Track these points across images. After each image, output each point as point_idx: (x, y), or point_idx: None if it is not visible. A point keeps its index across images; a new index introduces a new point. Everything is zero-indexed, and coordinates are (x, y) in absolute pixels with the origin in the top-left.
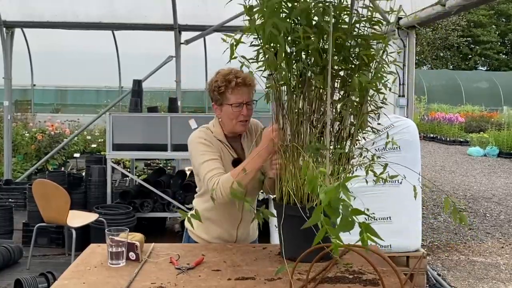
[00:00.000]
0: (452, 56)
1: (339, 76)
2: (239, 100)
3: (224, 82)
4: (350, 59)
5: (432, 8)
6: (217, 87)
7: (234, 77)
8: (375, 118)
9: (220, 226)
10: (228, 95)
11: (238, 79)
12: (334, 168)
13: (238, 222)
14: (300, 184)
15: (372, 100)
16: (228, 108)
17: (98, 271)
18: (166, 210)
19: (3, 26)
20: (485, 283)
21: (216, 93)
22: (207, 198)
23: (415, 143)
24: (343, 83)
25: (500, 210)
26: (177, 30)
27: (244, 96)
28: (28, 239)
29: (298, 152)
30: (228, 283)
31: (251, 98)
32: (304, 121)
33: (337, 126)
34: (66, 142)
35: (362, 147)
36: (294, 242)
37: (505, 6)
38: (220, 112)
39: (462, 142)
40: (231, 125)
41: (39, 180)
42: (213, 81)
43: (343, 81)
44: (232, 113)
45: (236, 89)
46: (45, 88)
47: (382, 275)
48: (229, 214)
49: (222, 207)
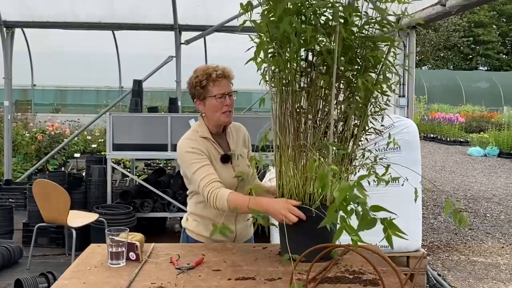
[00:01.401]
0: (453, 56)
1: (344, 77)
2: (221, 91)
3: (205, 75)
4: (357, 60)
5: (432, 8)
6: (198, 82)
7: (213, 70)
8: (379, 119)
9: (218, 222)
10: (210, 88)
11: (218, 72)
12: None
13: (234, 216)
14: (301, 184)
15: (377, 102)
16: (211, 100)
17: (98, 271)
18: (166, 210)
19: (3, 26)
20: (485, 283)
21: (199, 87)
22: (198, 198)
23: (415, 143)
24: (348, 84)
25: (501, 210)
26: (177, 30)
27: (225, 87)
28: (28, 239)
29: (299, 151)
30: (228, 283)
31: (231, 89)
32: (308, 121)
33: (340, 127)
34: (66, 142)
35: (365, 148)
36: (299, 241)
37: (507, 7)
38: (203, 107)
39: (462, 142)
40: (215, 118)
41: (39, 180)
42: (193, 77)
43: (348, 82)
44: (216, 104)
45: (217, 80)
46: (45, 88)
47: (382, 275)
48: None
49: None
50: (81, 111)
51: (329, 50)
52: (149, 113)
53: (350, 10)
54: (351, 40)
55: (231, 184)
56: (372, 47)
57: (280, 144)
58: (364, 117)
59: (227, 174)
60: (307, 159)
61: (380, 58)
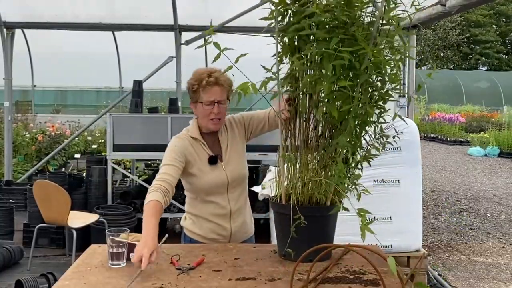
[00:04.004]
0: (452, 55)
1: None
2: (210, 99)
3: (197, 81)
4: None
5: (433, 8)
6: (191, 85)
7: (206, 76)
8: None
9: (211, 220)
10: (200, 94)
11: (210, 78)
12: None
13: (228, 214)
14: (308, 186)
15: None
16: (200, 106)
17: (98, 271)
18: (167, 210)
19: (3, 27)
20: (486, 283)
21: (191, 91)
22: (190, 196)
23: (416, 143)
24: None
25: (501, 210)
26: (177, 31)
27: (215, 95)
28: (29, 239)
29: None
30: (229, 284)
31: (223, 97)
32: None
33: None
34: (66, 143)
35: (367, 148)
36: (298, 242)
37: (504, 7)
38: (195, 110)
39: (463, 142)
40: (204, 122)
41: (40, 181)
42: (189, 79)
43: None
44: (204, 111)
45: (206, 87)
46: (45, 88)
47: (382, 275)
48: (215, 209)
49: (205, 202)
50: (81, 112)
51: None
52: (149, 113)
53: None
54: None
55: (220, 184)
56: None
57: (285, 144)
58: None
59: (216, 174)
60: (312, 159)
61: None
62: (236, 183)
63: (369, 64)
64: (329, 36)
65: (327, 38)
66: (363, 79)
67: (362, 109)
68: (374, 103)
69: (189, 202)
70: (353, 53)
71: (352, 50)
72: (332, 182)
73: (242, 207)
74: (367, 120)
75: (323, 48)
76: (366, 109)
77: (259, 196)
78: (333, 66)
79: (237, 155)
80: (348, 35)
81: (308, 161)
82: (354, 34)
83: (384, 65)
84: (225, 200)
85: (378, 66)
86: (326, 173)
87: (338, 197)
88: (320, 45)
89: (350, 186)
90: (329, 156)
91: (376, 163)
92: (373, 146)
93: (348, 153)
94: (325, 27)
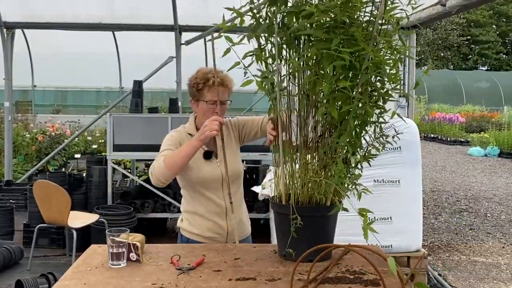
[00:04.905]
0: (452, 56)
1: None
2: (214, 98)
3: (203, 79)
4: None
5: (433, 8)
6: (196, 84)
7: (213, 76)
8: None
9: (207, 219)
10: (205, 93)
11: (217, 79)
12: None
13: (224, 212)
14: (308, 186)
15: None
16: (203, 104)
17: (98, 271)
18: (167, 210)
19: (4, 27)
20: (486, 283)
21: (195, 89)
22: (184, 193)
23: (416, 143)
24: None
25: (501, 210)
26: (177, 31)
27: (220, 95)
28: (29, 240)
29: (304, 150)
30: (229, 284)
31: (226, 98)
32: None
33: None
34: (66, 143)
35: (367, 148)
36: (298, 242)
37: (504, 7)
38: (196, 107)
39: (463, 142)
40: (203, 122)
41: (40, 181)
42: (193, 77)
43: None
44: (207, 110)
45: (213, 87)
46: (45, 89)
47: (383, 275)
48: (211, 205)
49: (199, 199)
50: (81, 112)
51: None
52: (150, 113)
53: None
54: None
55: (215, 179)
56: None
57: (283, 143)
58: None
59: (210, 169)
60: (310, 158)
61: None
62: (231, 179)
63: (369, 64)
64: (328, 37)
65: (324, 39)
66: (364, 80)
67: (362, 109)
68: (374, 103)
69: (185, 199)
70: (353, 53)
71: (352, 50)
72: (332, 182)
73: (238, 205)
74: (367, 120)
75: (323, 49)
76: (366, 109)
77: (259, 196)
78: (333, 67)
79: (232, 153)
80: (348, 35)
81: (308, 161)
82: (354, 34)
83: (383, 65)
84: (221, 197)
85: (378, 66)
86: (326, 173)
87: (338, 197)
88: (319, 46)
89: (350, 186)
90: (329, 156)
91: (376, 163)
92: (373, 146)
93: (348, 153)
94: (323, 27)
